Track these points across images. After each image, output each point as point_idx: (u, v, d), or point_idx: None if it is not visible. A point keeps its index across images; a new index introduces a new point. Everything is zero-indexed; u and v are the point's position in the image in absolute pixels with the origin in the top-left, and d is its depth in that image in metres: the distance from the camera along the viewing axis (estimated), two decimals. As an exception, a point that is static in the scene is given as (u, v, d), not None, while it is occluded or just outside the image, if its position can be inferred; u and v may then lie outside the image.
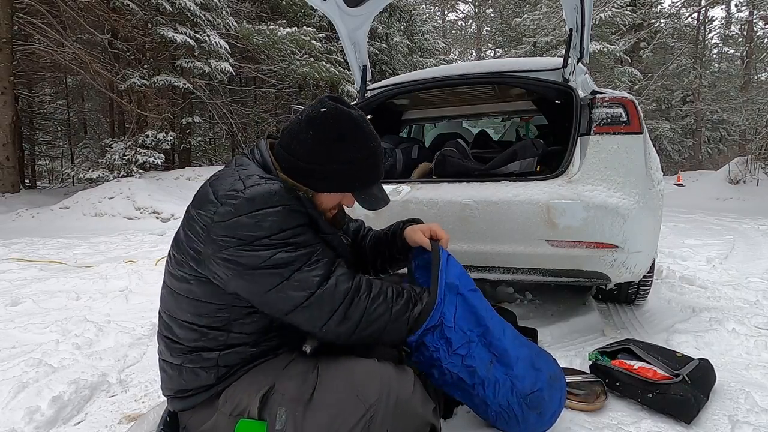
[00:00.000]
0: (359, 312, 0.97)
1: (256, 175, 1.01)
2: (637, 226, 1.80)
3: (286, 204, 0.96)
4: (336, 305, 0.95)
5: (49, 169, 20.52)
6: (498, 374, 1.11)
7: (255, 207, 0.93)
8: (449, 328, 1.10)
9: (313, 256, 0.97)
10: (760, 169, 10.28)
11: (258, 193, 0.94)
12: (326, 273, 0.96)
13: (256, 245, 0.92)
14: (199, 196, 1.01)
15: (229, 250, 0.93)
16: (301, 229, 0.98)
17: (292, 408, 0.91)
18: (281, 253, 0.93)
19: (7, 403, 1.48)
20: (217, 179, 1.03)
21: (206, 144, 15.22)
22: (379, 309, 0.99)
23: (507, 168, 2.15)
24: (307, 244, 0.97)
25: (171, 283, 1.06)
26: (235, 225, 0.92)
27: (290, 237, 0.95)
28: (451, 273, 1.15)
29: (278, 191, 0.97)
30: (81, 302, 2.81)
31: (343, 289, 0.96)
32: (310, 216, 1.04)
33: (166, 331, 1.08)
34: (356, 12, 2.41)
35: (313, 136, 1.04)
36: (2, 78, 8.66)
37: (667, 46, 16.23)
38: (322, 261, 0.97)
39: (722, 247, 4.50)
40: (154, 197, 7.90)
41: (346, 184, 1.10)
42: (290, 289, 0.94)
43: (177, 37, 9.52)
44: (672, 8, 14.76)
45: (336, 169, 1.05)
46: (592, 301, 2.51)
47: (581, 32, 2.13)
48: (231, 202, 0.94)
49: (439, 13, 34.08)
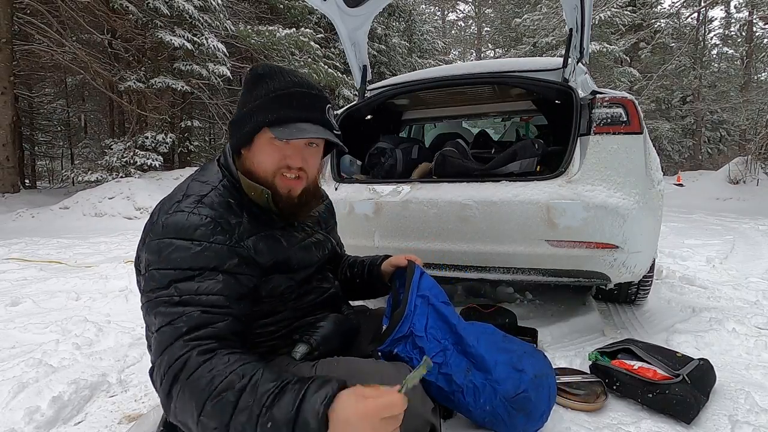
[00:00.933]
0: (175, 400, 0.78)
1: (195, 195, 0.96)
2: (637, 226, 1.80)
3: (197, 240, 0.89)
4: (159, 382, 0.81)
5: (49, 169, 20.53)
6: (477, 380, 1.11)
7: (166, 234, 0.90)
8: (420, 338, 1.10)
9: (174, 318, 0.83)
10: (760, 169, 10.27)
11: (173, 221, 0.91)
12: (169, 342, 0.82)
13: (149, 274, 0.90)
14: (153, 210, 1.00)
15: (141, 272, 0.93)
16: (192, 274, 0.87)
17: None
18: (156, 302, 0.86)
19: (7, 403, 1.48)
20: (170, 193, 1.01)
21: (206, 144, 15.22)
22: (188, 405, 0.76)
23: (507, 168, 2.15)
24: (183, 295, 0.85)
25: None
26: (148, 246, 0.92)
27: (177, 279, 0.86)
28: (423, 285, 1.17)
29: (194, 225, 0.90)
30: (81, 302, 2.81)
31: (167, 365, 0.80)
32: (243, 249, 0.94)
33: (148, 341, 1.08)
34: (356, 12, 2.41)
35: (242, 91, 1.02)
36: (2, 78, 8.66)
37: (667, 46, 16.24)
38: (174, 327, 0.82)
39: (722, 247, 4.50)
40: (154, 197, 7.90)
41: (261, 118, 0.96)
42: (151, 346, 0.87)
43: (175, 40, 9.53)
44: (672, 8, 14.77)
45: (253, 106, 0.97)
46: (592, 301, 2.51)
47: (581, 32, 2.14)
48: (154, 225, 0.93)
49: (438, 14, 34.09)
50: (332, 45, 13.97)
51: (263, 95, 0.97)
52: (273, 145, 0.98)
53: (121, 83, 9.75)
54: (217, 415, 0.73)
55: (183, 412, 0.77)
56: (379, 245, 2.15)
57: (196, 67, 10.28)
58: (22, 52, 9.89)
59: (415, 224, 2.05)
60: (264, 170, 0.99)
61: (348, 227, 2.07)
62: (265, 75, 0.99)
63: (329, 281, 1.20)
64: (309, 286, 1.13)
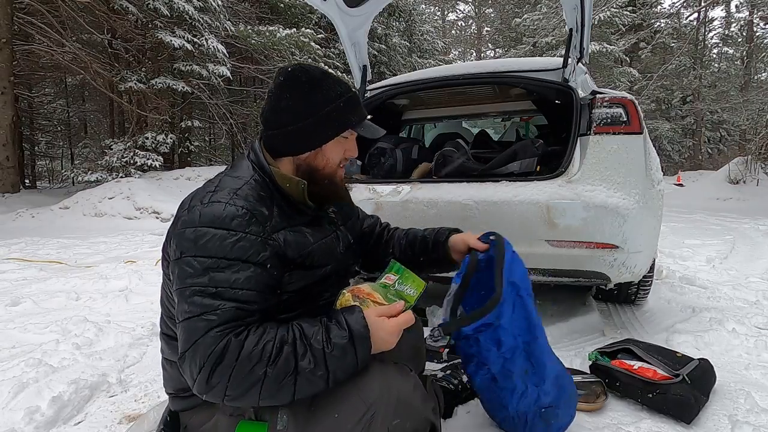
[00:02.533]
0: (222, 384, 0.82)
1: (229, 188, 0.97)
2: (637, 226, 1.81)
3: (233, 230, 0.91)
4: (195, 372, 0.83)
5: (49, 169, 20.52)
6: (530, 384, 1.12)
7: (202, 223, 0.92)
8: (504, 330, 1.08)
9: (208, 310, 0.86)
10: (760, 169, 10.28)
11: (210, 211, 0.92)
12: (200, 333, 0.84)
13: (183, 262, 0.91)
14: (183, 202, 1.02)
15: (173, 260, 0.94)
16: (227, 264, 0.89)
17: (293, 408, 0.91)
18: (190, 289, 0.88)
19: (7, 403, 1.49)
20: (202, 186, 1.04)
21: (206, 144, 15.22)
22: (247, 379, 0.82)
23: (507, 168, 2.15)
24: (219, 286, 0.87)
25: (164, 283, 1.07)
26: (182, 235, 0.93)
27: (212, 267, 0.88)
28: (515, 272, 1.11)
29: (231, 215, 0.91)
30: (81, 302, 2.81)
31: (201, 355, 0.83)
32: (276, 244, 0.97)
33: (166, 330, 1.08)
34: (356, 12, 2.41)
35: (290, 97, 1.03)
36: (2, 78, 8.66)
37: (667, 46, 16.22)
38: (207, 320, 0.85)
39: (722, 247, 4.50)
40: (154, 197, 7.90)
41: (343, 121, 1.05)
42: (180, 334, 0.89)
43: (175, 41, 9.53)
44: (672, 8, 14.77)
45: (328, 111, 1.03)
46: (592, 301, 2.51)
47: (581, 32, 2.14)
48: (189, 213, 0.94)
49: (438, 14, 34.08)
50: (332, 45, 13.97)
51: (336, 98, 1.04)
52: (340, 143, 1.08)
53: (122, 83, 9.75)
54: (283, 369, 0.82)
55: (239, 389, 0.82)
56: (379, 245, 2.15)
57: (196, 67, 10.28)
58: (22, 52, 9.88)
59: (415, 224, 2.03)
60: (333, 163, 1.08)
61: (348, 227, 2.07)
62: (320, 80, 1.04)
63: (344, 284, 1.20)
64: (326, 284, 1.13)
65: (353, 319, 0.89)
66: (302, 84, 1.03)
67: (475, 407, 1.47)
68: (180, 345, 0.88)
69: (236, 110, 12.46)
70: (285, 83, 1.04)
